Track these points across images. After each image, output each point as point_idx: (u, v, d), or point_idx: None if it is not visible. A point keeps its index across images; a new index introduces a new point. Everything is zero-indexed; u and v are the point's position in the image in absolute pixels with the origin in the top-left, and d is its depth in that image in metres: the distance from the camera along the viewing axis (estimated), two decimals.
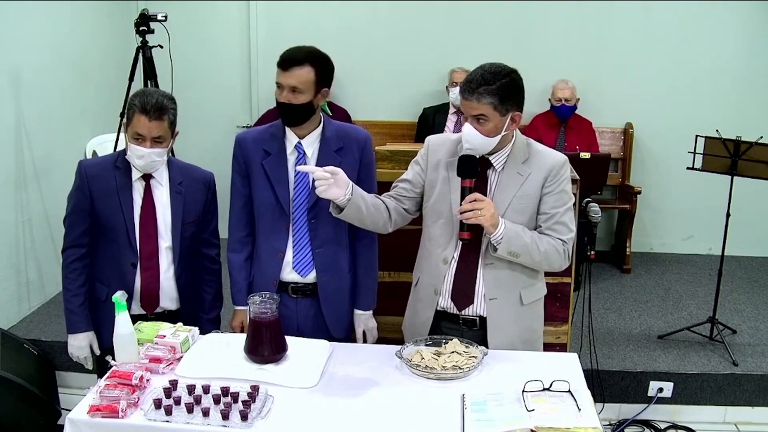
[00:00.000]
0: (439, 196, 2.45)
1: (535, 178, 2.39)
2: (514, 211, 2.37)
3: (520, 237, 2.33)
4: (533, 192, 2.39)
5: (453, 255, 2.44)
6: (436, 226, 2.46)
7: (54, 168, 4.39)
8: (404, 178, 2.54)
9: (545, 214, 2.40)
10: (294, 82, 2.41)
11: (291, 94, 2.42)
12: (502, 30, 5.34)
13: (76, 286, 2.60)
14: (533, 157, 2.42)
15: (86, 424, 2.00)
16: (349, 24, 5.41)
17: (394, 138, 5.35)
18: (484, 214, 2.27)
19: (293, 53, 2.43)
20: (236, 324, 2.69)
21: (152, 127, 2.44)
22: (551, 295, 2.62)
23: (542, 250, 2.35)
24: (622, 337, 4.12)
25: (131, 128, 2.47)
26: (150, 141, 2.46)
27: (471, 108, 2.29)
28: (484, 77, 2.26)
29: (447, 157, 2.45)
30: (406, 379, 2.23)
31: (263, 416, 2.00)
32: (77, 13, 4.68)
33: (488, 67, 2.29)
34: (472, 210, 2.27)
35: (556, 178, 2.39)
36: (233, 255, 2.65)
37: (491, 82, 2.26)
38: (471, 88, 2.27)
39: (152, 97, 2.45)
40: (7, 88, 4.00)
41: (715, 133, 3.92)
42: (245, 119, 5.60)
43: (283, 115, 2.49)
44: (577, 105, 5.14)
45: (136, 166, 2.52)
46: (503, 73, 2.29)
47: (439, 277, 2.46)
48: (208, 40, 5.49)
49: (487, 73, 2.27)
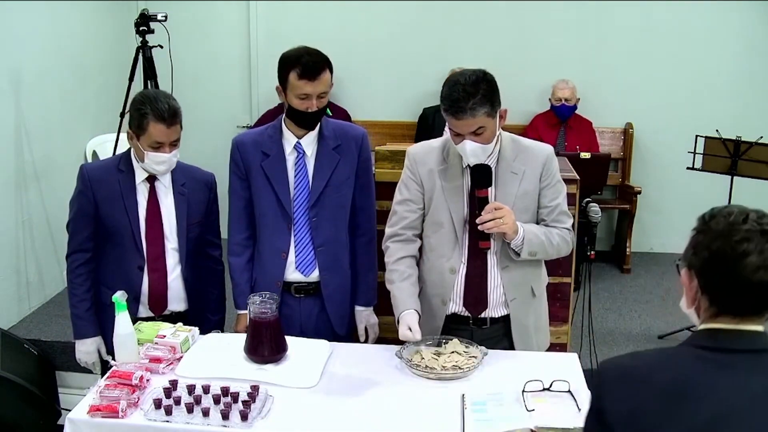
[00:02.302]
0: (437, 206, 2.41)
1: (531, 175, 2.38)
2: (518, 210, 2.36)
3: (537, 236, 2.34)
4: (532, 189, 2.39)
5: (460, 263, 2.42)
6: (438, 236, 2.43)
7: (54, 168, 4.39)
8: (405, 199, 2.45)
9: (547, 207, 2.41)
10: (323, 88, 2.41)
11: (319, 100, 2.42)
12: (503, 30, 5.34)
13: (82, 291, 2.58)
14: (522, 153, 2.39)
15: (86, 424, 2.00)
16: (349, 24, 5.42)
17: (394, 138, 5.34)
18: (506, 222, 2.26)
19: (315, 60, 2.39)
20: (241, 329, 2.65)
21: (171, 133, 2.44)
22: (551, 295, 2.62)
23: (555, 243, 2.38)
24: (622, 337, 4.12)
25: (147, 138, 2.43)
26: (169, 146, 2.47)
27: (467, 126, 2.22)
28: (466, 91, 2.18)
29: (437, 166, 2.40)
30: (406, 379, 2.23)
31: (263, 416, 2.00)
32: (77, 13, 4.69)
33: (462, 80, 2.20)
34: (493, 219, 2.26)
35: (550, 171, 2.39)
36: (234, 258, 2.64)
37: (475, 93, 2.18)
38: (461, 108, 2.18)
39: (162, 103, 2.42)
40: (7, 89, 4.00)
41: (715, 133, 3.93)
42: (245, 119, 5.60)
43: (309, 122, 2.48)
44: (577, 105, 5.15)
45: (156, 171, 2.51)
46: (479, 79, 2.21)
47: (446, 287, 2.43)
48: (208, 40, 5.49)
49: (467, 86, 2.18)
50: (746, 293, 1.27)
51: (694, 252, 1.33)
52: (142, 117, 2.42)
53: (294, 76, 2.39)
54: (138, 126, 2.44)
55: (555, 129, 5.17)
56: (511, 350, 2.44)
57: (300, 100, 2.41)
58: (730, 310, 1.30)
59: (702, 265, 1.31)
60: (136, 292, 2.55)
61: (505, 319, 2.45)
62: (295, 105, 2.42)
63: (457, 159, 2.38)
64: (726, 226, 1.29)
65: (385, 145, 3.30)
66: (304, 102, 2.41)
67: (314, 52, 2.43)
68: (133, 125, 2.47)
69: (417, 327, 2.31)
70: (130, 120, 2.50)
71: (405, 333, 2.30)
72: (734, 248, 1.26)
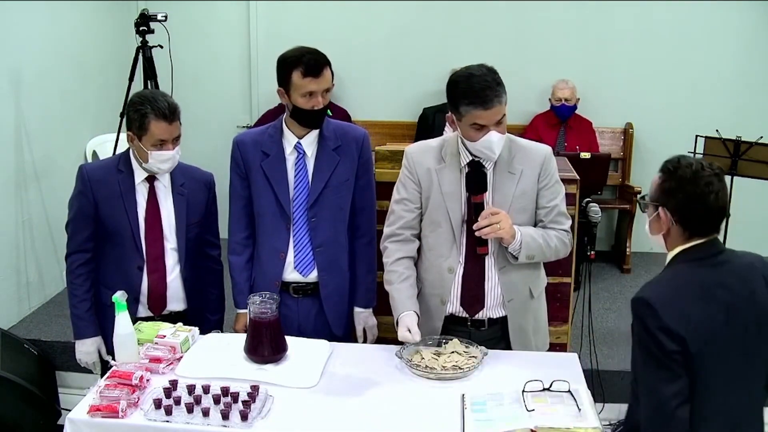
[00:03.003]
0: (434, 205, 2.41)
1: (528, 175, 2.37)
2: (516, 210, 2.36)
3: (534, 240, 2.34)
4: (530, 189, 2.38)
5: (458, 263, 2.42)
6: (436, 235, 2.43)
7: (54, 168, 4.39)
8: (402, 198, 2.45)
9: (545, 208, 2.40)
10: (327, 84, 2.43)
11: (323, 97, 2.43)
12: (503, 30, 5.33)
13: (82, 291, 2.59)
14: (519, 153, 2.39)
15: (86, 424, 2.01)
16: (349, 24, 5.41)
17: (394, 138, 5.34)
18: (503, 227, 2.27)
19: (316, 58, 2.41)
20: (240, 327, 2.67)
21: (173, 130, 2.46)
22: (551, 295, 2.62)
23: (552, 246, 2.38)
24: (622, 337, 4.11)
25: (150, 137, 2.44)
26: (172, 143, 2.48)
27: (496, 114, 2.23)
28: (488, 79, 2.22)
29: (435, 165, 2.41)
30: (406, 379, 2.23)
31: (263, 416, 2.00)
32: (77, 13, 4.68)
33: (478, 72, 2.24)
34: (489, 225, 2.27)
35: (549, 171, 2.39)
36: (234, 257, 2.65)
37: (496, 80, 2.24)
38: (489, 96, 2.20)
39: (162, 102, 2.43)
40: (7, 88, 4.00)
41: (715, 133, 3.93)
42: (245, 119, 5.60)
43: (314, 120, 2.48)
44: (577, 105, 5.14)
45: (160, 170, 2.52)
46: (490, 69, 2.26)
47: (445, 287, 2.44)
48: (208, 40, 5.48)
49: (486, 75, 2.23)
50: (712, 217, 1.83)
51: (667, 195, 1.84)
52: (142, 117, 2.42)
53: (298, 76, 2.39)
54: (139, 126, 2.44)
55: (555, 129, 5.17)
56: (511, 350, 2.44)
57: (305, 98, 2.41)
58: (700, 232, 1.85)
59: (678, 204, 1.83)
60: (136, 292, 2.55)
61: (503, 320, 2.45)
62: (301, 104, 2.43)
63: (454, 159, 2.38)
64: (692, 174, 1.80)
65: (385, 145, 3.30)
66: (309, 100, 2.42)
67: (314, 50, 2.44)
68: (133, 127, 2.46)
69: (416, 328, 2.31)
70: (128, 122, 2.49)
71: (404, 334, 2.30)
72: (703, 189, 1.79)
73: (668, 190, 1.83)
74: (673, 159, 1.86)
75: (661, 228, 1.88)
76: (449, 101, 2.30)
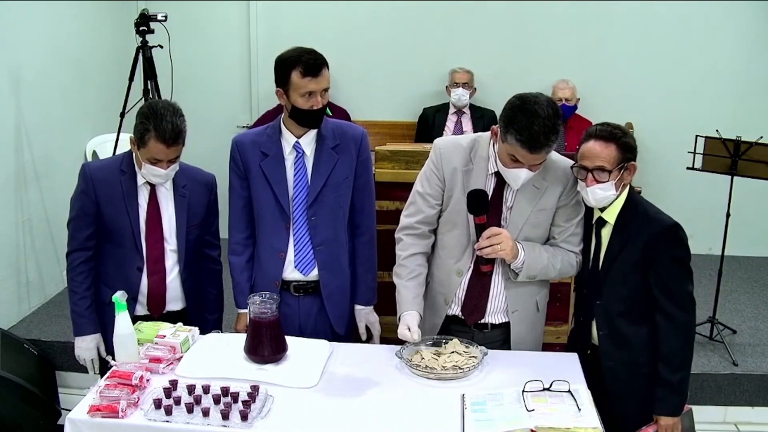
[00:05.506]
0: (455, 206, 2.39)
1: (552, 192, 2.35)
2: (531, 225, 2.35)
3: (538, 261, 2.33)
4: (550, 206, 2.36)
5: (468, 267, 2.42)
6: (451, 236, 2.43)
7: (54, 168, 4.39)
8: (425, 193, 2.43)
9: (560, 227, 2.39)
10: (326, 83, 2.43)
11: (322, 97, 2.44)
12: (502, 30, 5.33)
13: (83, 289, 2.59)
14: (548, 168, 2.33)
15: (86, 424, 2.01)
16: (349, 24, 5.41)
17: (394, 138, 5.34)
18: (503, 248, 2.26)
19: (315, 57, 2.41)
20: (240, 327, 2.67)
21: (170, 153, 2.44)
22: (551, 296, 2.62)
23: (557, 268, 2.37)
24: None
25: (146, 152, 2.43)
26: (167, 163, 2.46)
27: (537, 159, 2.20)
28: (547, 126, 2.13)
29: (462, 166, 2.38)
30: (406, 379, 2.23)
31: (263, 416, 2.00)
32: (77, 13, 4.68)
33: (542, 112, 2.15)
34: (490, 246, 2.26)
35: (573, 191, 2.36)
36: (235, 257, 2.65)
37: (555, 130, 2.15)
38: (539, 144, 2.14)
39: (167, 123, 2.38)
40: (7, 88, 4.00)
41: (715, 133, 3.92)
42: (245, 119, 5.60)
43: (314, 120, 2.48)
44: (577, 105, 5.14)
45: (152, 181, 2.52)
46: (556, 112, 2.18)
47: (451, 287, 2.44)
48: (208, 40, 5.48)
49: (547, 120, 2.13)
50: None
51: (632, 151, 2.34)
52: (144, 131, 2.41)
53: (297, 76, 2.39)
54: (140, 138, 2.44)
55: None
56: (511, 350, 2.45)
57: (305, 98, 2.42)
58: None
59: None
60: (135, 292, 2.55)
61: (506, 325, 2.46)
62: (300, 104, 2.43)
63: (482, 162, 2.36)
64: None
65: (385, 145, 3.30)
66: (309, 100, 2.42)
67: (312, 51, 2.44)
68: (135, 134, 2.46)
69: (416, 328, 2.31)
70: (134, 127, 2.49)
71: (403, 333, 2.30)
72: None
73: (629, 146, 2.33)
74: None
75: (627, 179, 2.32)
76: (502, 118, 2.22)
